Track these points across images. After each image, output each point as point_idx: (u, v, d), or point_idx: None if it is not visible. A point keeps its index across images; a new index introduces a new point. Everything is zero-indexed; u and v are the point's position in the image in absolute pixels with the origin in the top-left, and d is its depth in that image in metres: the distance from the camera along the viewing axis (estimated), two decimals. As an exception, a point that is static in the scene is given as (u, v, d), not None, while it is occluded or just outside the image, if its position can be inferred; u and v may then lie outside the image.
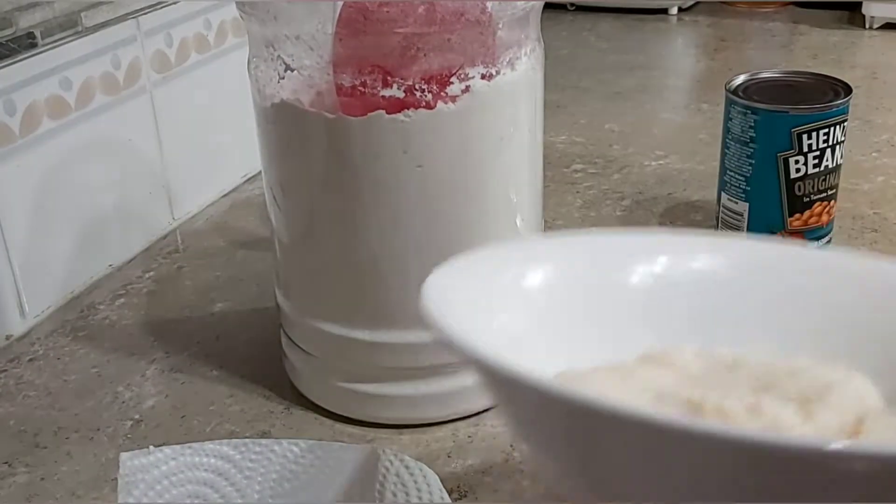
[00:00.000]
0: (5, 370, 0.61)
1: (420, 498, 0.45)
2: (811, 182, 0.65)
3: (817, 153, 0.64)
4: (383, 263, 0.50)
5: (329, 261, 0.51)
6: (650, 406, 0.32)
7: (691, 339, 0.38)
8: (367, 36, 0.46)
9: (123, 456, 0.47)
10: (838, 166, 0.65)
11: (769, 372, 0.36)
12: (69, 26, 0.67)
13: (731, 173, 0.67)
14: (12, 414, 0.57)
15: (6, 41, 0.62)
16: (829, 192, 0.66)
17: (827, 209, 0.66)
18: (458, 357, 0.29)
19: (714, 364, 0.37)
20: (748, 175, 0.65)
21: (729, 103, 0.66)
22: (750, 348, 0.38)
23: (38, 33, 0.65)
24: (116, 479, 0.46)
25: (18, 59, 0.63)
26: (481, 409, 0.54)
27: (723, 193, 0.68)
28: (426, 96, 0.47)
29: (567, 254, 0.41)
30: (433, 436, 0.53)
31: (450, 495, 0.48)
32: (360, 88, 0.47)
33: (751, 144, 0.65)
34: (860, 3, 1.21)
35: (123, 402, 0.57)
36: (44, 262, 0.66)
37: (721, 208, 0.69)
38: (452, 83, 0.47)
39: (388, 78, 0.46)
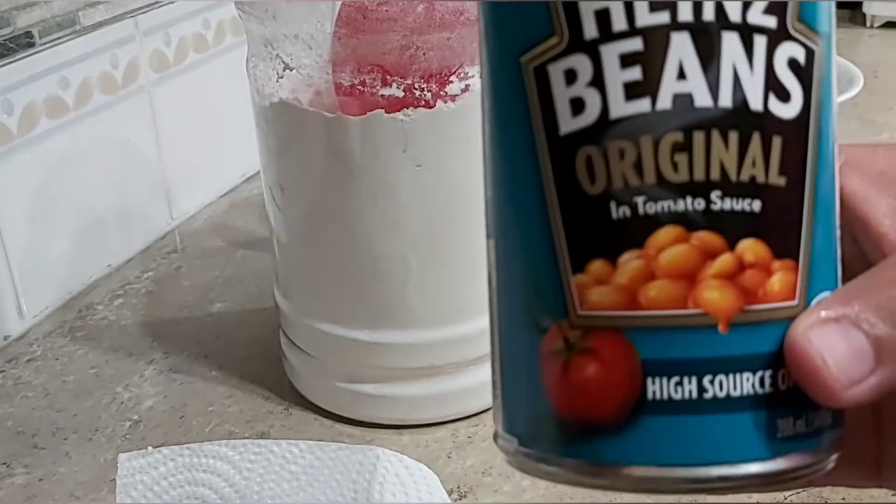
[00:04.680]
0: (3, 371, 0.61)
1: (420, 498, 0.45)
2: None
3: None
4: (382, 263, 0.50)
5: (328, 261, 0.51)
6: None
7: None
8: (367, 35, 0.46)
9: (122, 457, 0.47)
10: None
11: None
12: (67, 25, 0.67)
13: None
14: (10, 415, 0.57)
15: (4, 40, 0.62)
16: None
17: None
18: None
19: None
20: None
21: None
22: None
23: (35, 32, 0.64)
24: (115, 479, 0.46)
25: (16, 58, 0.63)
26: (481, 410, 0.54)
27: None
28: (426, 95, 0.47)
29: None
30: (433, 436, 0.53)
31: (450, 496, 0.48)
32: (360, 87, 0.47)
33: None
34: (861, 2, 1.21)
35: (122, 403, 0.57)
36: (42, 263, 0.66)
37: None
38: (452, 82, 0.47)
39: (388, 77, 0.46)
